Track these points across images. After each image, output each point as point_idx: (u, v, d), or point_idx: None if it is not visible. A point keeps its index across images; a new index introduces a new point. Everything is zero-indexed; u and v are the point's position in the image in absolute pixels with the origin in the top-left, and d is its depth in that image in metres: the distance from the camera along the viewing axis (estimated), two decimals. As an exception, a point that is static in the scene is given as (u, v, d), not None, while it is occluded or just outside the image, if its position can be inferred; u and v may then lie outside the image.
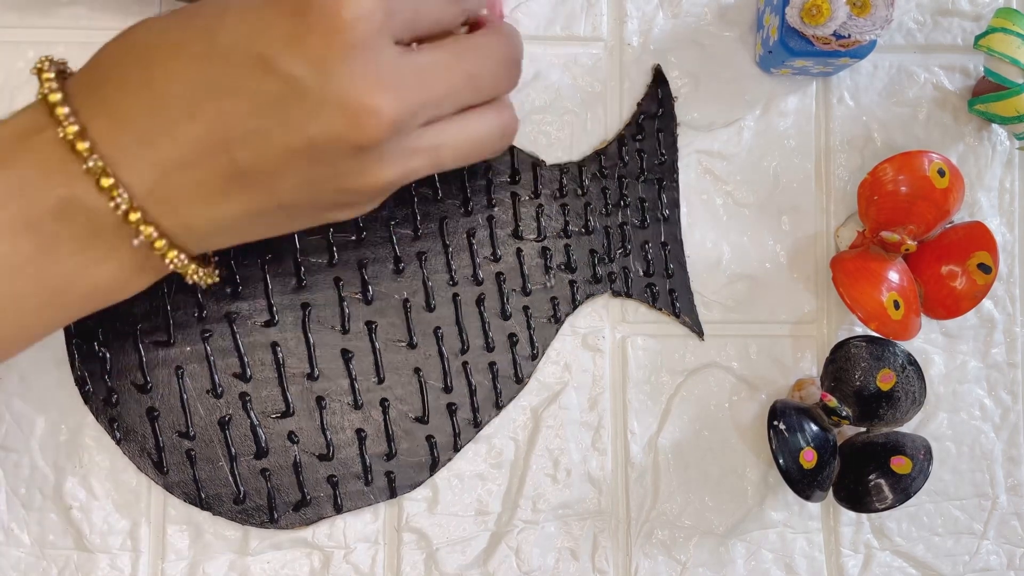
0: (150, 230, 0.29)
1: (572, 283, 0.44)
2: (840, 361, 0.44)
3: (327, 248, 0.42)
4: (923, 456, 0.42)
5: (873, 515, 0.45)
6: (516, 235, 0.43)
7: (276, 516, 0.41)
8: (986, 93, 0.45)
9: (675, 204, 0.45)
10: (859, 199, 0.45)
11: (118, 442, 0.41)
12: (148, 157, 0.28)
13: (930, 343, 0.46)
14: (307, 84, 0.27)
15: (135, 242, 0.29)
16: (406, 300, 0.42)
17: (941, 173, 0.43)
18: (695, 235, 0.45)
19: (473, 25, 0.34)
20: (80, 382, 0.41)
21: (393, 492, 0.42)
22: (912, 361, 0.44)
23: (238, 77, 0.27)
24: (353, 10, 0.26)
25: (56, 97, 0.28)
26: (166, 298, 0.41)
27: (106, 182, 0.28)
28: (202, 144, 0.28)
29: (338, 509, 0.42)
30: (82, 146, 0.28)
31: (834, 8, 0.39)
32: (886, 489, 0.41)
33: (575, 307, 0.44)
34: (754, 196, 0.46)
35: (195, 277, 0.33)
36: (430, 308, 0.42)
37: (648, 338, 0.45)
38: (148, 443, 0.41)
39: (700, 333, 0.45)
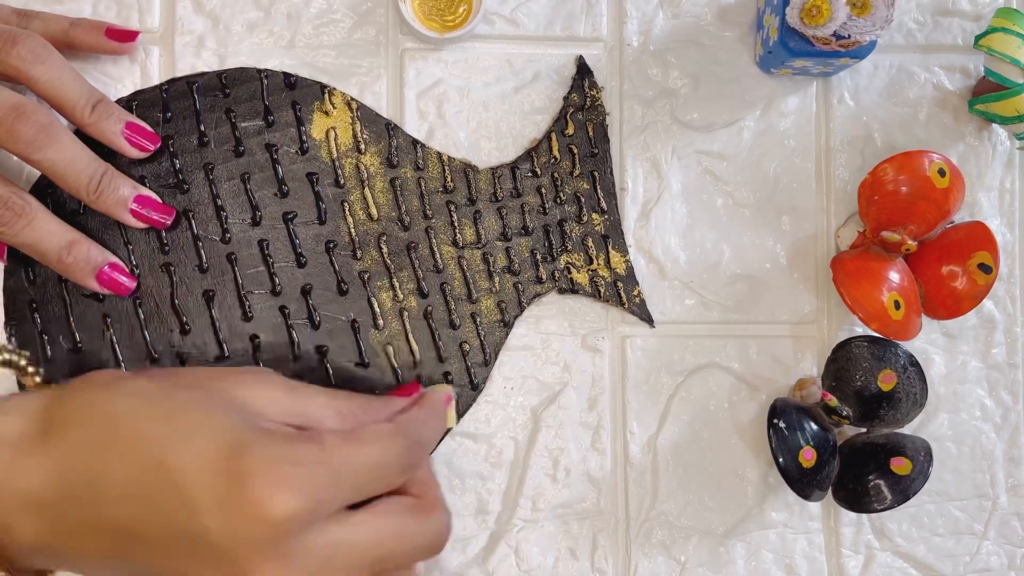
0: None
1: (517, 285, 0.44)
2: (841, 361, 0.44)
3: (269, 278, 0.42)
4: (923, 457, 0.42)
5: (874, 516, 0.45)
6: (455, 244, 0.43)
7: None
8: (986, 93, 0.45)
9: (611, 195, 0.44)
10: (859, 199, 0.45)
11: None
12: (47, 517, 0.30)
13: (930, 343, 0.46)
14: (213, 542, 0.29)
15: None
16: (354, 321, 0.42)
17: (941, 173, 0.43)
18: (695, 235, 0.45)
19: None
20: None
21: None
22: (914, 362, 0.44)
23: (160, 499, 0.29)
24: (278, 507, 0.29)
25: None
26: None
27: None
28: (105, 549, 0.30)
29: None
30: None
31: (834, 8, 0.39)
32: (885, 490, 0.41)
33: (522, 309, 0.44)
34: (754, 196, 0.46)
35: None
36: (378, 328, 0.43)
37: (647, 338, 0.45)
38: None
39: (650, 321, 0.45)
